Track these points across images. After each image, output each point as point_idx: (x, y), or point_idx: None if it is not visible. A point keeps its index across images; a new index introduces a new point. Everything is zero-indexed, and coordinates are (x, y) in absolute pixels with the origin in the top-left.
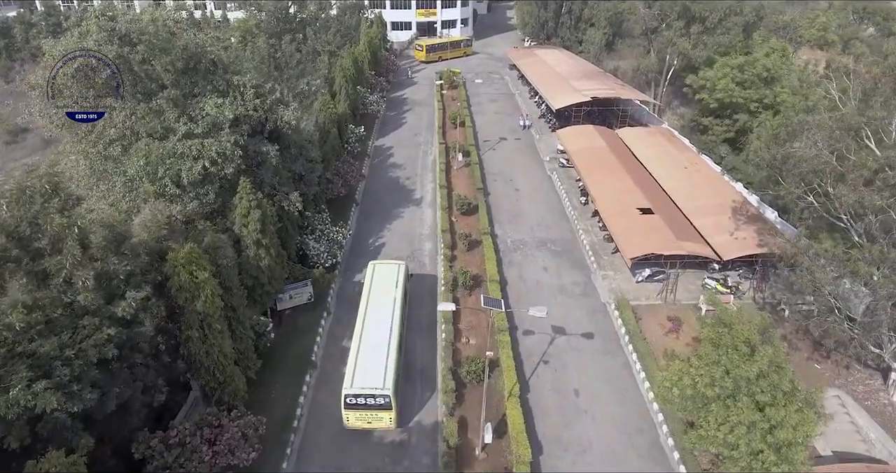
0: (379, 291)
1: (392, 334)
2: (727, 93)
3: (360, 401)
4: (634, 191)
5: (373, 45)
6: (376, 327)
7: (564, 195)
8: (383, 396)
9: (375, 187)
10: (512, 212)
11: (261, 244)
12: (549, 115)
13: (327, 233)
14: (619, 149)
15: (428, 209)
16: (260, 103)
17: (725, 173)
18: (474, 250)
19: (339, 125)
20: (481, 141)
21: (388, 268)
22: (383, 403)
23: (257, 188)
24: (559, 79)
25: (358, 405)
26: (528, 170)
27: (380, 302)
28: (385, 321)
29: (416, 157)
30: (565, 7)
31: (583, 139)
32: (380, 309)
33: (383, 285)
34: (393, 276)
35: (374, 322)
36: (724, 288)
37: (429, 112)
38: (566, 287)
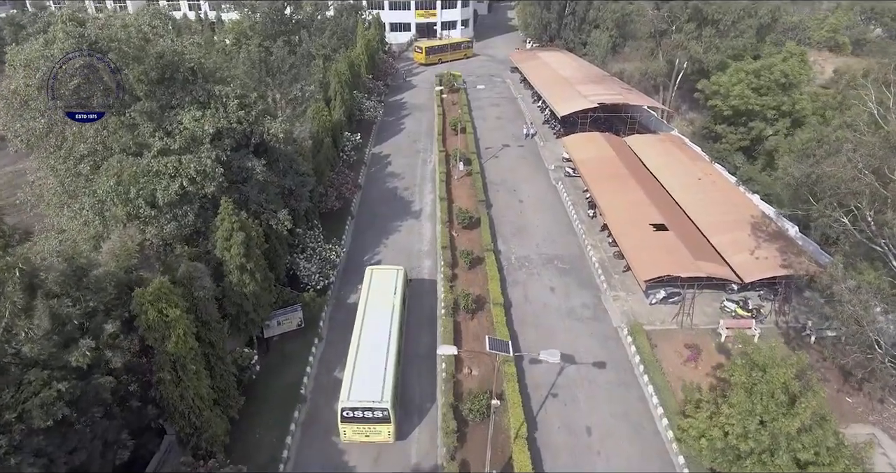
0: (377, 298)
1: (390, 343)
2: (742, 100)
3: (358, 415)
4: (646, 205)
5: (370, 47)
6: (374, 336)
7: (571, 207)
8: (382, 409)
9: (372, 198)
10: (516, 225)
11: (245, 269)
12: (553, 121)
13: (319, 251)
14: (628, 158)
15: (427, 222)
16: (244, 115)
17: (741, 184)
18: (476, 268)
19: (333, 133)
20: (483, 148)
21: (386, 274)
22: (382, 416)
23: (242, 207)
24: (564, 83)
25: (355, 418)
26: (533, 180)
27: (378, 310)
28: (383, 330)
29: (415, 166)
30: (569, 8)
31: (590, 147)
32: (378, 318)
33: (381, 292)
34: (391, 282)
35: (372, 331)
36: (744, 312)
37: (428, 117)
38: (575, 309)
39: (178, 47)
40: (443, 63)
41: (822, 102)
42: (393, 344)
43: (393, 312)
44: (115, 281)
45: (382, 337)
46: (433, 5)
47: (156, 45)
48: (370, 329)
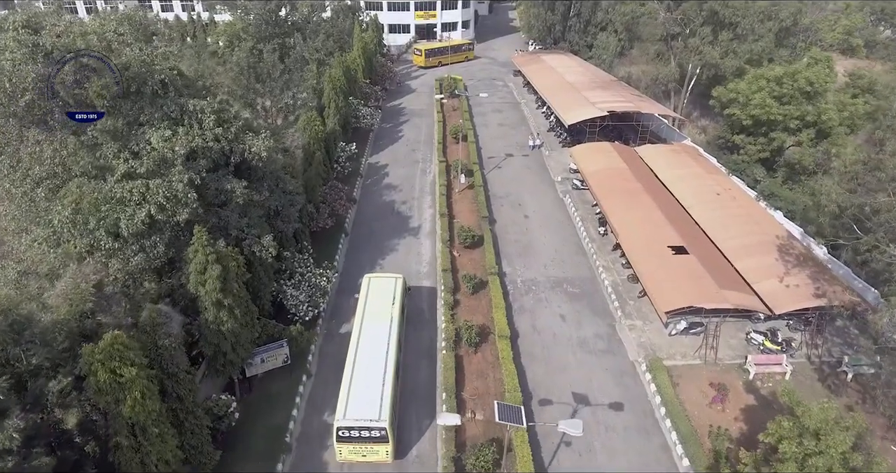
0: (374, 309)
1: (388, 357)
2: (764, 109)
3: (354, 434)
4: (662, 224)
5: (367, 50)
6: (372, 349)
7: (580, 223)
8: (379, 429)
9: (368, 214)
10: (522, 244)
11: (222, 305)
12: (559, 129)
13: (309, 277)
14: (641, 171)
15: (426, 240)
16: (222, 132)
17: (761, 199)
18: (480, 293)
19: (327, 144)
20: (485, 157)
21: (384, 282)
22: (379, 436)
23: (221, 233)
24: (570, 89)
25: (352, 438)
26: (538, 193)
27: (375, 322)
28: (381, 343)
29: (414, 177)
30: (573, 9)
31: (599, 158)
32: (376, 330)
33: (379, 301)
34: (390, 291)
35: (370, 343)
36: (773, 345)
37: (428, 124)
38: (587, 340)
39: (146, 57)
40: (443, 66)
41: (849, 112)
42: (391, 358)
43: (391, 323)
44: (66, 330)
45: (380, 351)
46: (433, 6)
47: (120, 56)
48: (367, 342)
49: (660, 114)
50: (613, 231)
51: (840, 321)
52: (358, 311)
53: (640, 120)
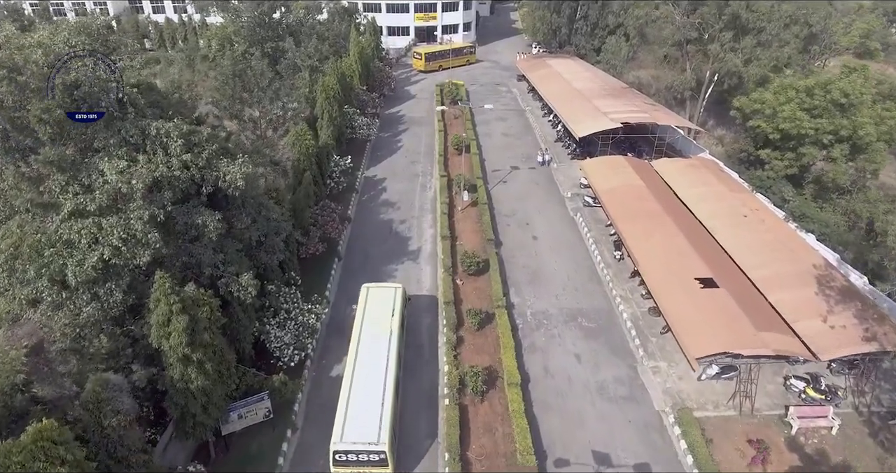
0: (373, 322)
1: (388, 374)
2: (794, 123)
3: (352, 458)
4: (686, 251)
5: (364, 55)
6: (370, 366)
7: (593, 245)
8: (378, 452)
9: (363, 235)
10: (531, 270)
11: (190, 361)
12: (567, 140)
13: (296, 315)
14: (659, 189)
15: (427, 266)
16: (192, 158)
17: (790, 220)
18: (486, 328)
19: (319, 159)
20: (489, 170)
21: (383, 293)
22: (379, 459)
23: (193, 272)
24: (579, 97)
25: (349, 462)
26: (547, 211)
27: (374, 336)
28: (380, 359)
29: (413, 192)
30: (580, 12)
31: (613, 174)
32: (374, 345)
33: (378, 314)
34: (389, 302)
35: (368, 360)
36: (816, 394)
37: (428, 132)
38: (606, 385)
39: (101, 73)
40: (444, 70)
41: (888, 126)
42: (391, 375)
43: (391, 337)
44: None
45: (379, 368)
46: (433, 8)
47: (69, 73)
48: (365, 358)
49: (677, 126)
50: (632, 257)
51: (887, 362)
52: (356, 324)
53: (655, 131)
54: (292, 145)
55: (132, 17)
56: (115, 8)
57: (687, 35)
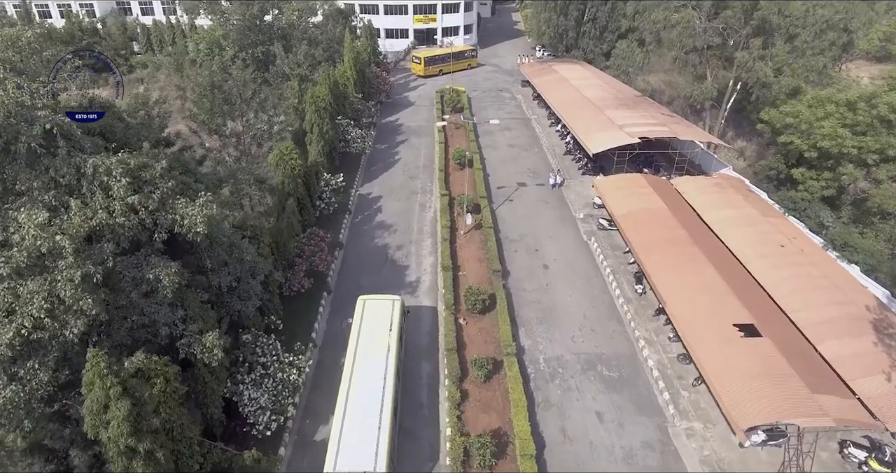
0: (369, 337)
1: (385, 395)
2: (836, 141)
3: None
4: (720, 289)
5: (360, 61)
6: (366, 386)
7: (611, 276)
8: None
9: (356, 264)
10: (542, 306)
11: (135, 453)
12: (577, 153)
13: (275, 371)
14: (682, 212)
15: (426, 299)
16: (141, 200)
17: (829, 249)
18: (493, 380)
19: (307, 179)
20: (494, 187)
21: (380, 306)
22: None
23: (146, 333)
24: (590, 108)
25: None
26: (558, 234)
27: (370, 353)
28: (377, 378)
29: (412, 213)
30: (588, 14)
31: (630, 195)
32: (370, 362)
33: (375, 329)
34: (386, 317)
35: (364, 379)
36: (881, 467)
37: (428, 144)
38: (634, 452)
39: (25, 98)
40: (444, 75)
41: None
42: (388, 396)
43: (388, 354)
44: None
45: (375, 388)
46: (433, 9)
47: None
48: (361, 377)
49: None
50: (656, 294)
51: None
52: (351, 340)
53: (675, 146)
54: (275, 166)
55: (120, 19)
56: (102, 9)
57: (709, 41)
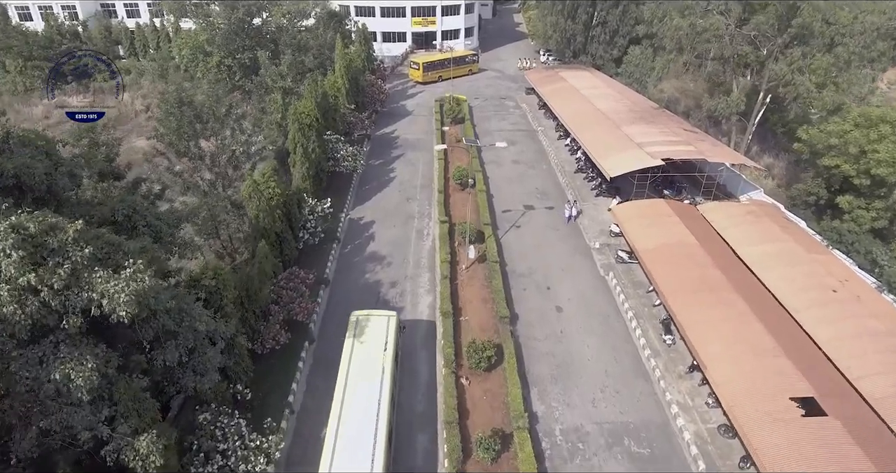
0: (362, 358)
1: (379, 423)
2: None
3: None
4: (767, 347)
5: (353, 68)
6: (358, 413)
7: (633, 320)
8: None
9: (343, 302)
10: (557, 359)
11: None
12: (590, 171)
13: (236, 464)
14: (715, 247)
15: (423, 352)
16: (43, 278)
17: (884, 291)
18: (502, 458)
19: (288, 209)
20: (499, 210)
21: (374, 323)
22: None
23: (60, 440)
24: (605, 122)
25: None
26: (572, 268)
27: (363, 375)
28: (370, 403)
29: (408, 241)
30: (597, 17)
31: (653, 225)
32: (363, 386)
33: (368, 348)
34: (381, 335)
35: (356, 405)
36: None
37: (426, 160)
38: None
39: None
40: (443, 81)
41: None
42: (382, 423)
43: (383, 376)
44: None
45: (369, 415)
46: (432, 12)
47: None
48: (353, 403)
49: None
50: (690, 348)
51: None
52: (343, 361)
53: (701, 167)
54: (248, 198)
55: (104, 22)
56: (86, 11)
57: (738, 50)
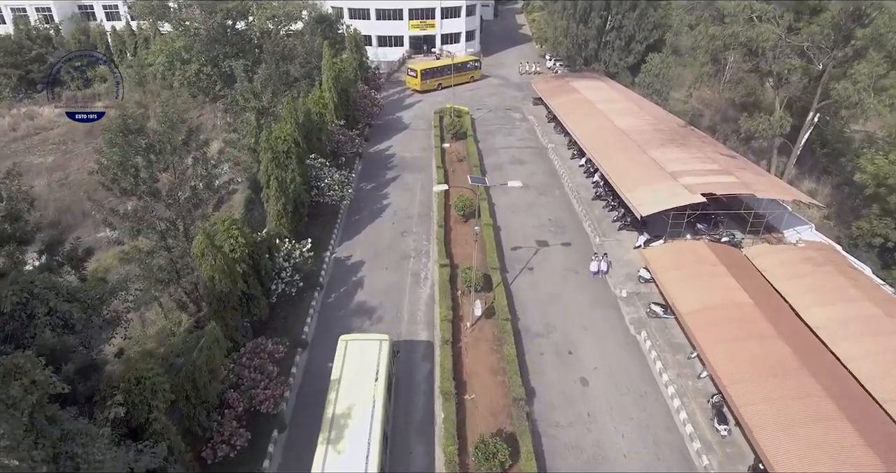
0: (351, 389)
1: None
2: None
3: None
4: (858, 453)
5: (343, 79)
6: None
7: (675, 398)
8: None
9: (324, 371)
10: (584, 454)
11: None
12: (611, 199)
13: None
14: (773, 307)
15: (418, 445)
16: None
17: None
18: None
19: (256, 261)
20: (508, 248)
21: (365, 348)
22: None
23: None
24: (628, 145)
25: None
26: (595, 324)
27: (351, 409)
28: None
29: (402, 290)
30: (613, 21)
31: (695, 278)
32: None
33: (357, 378)
34: (372, 362)
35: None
36: None
37: (424, 181)
38: None
39: None
40: (443, 89)
41: None
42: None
43: (373, 410)
44: None
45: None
46: (431, 14)
47: None
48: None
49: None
50: (759, 454)
51: None
52: (330, 393)
53: (749, 204)
54: (200, 257)
55: (82, 25)
56: (62, 13)
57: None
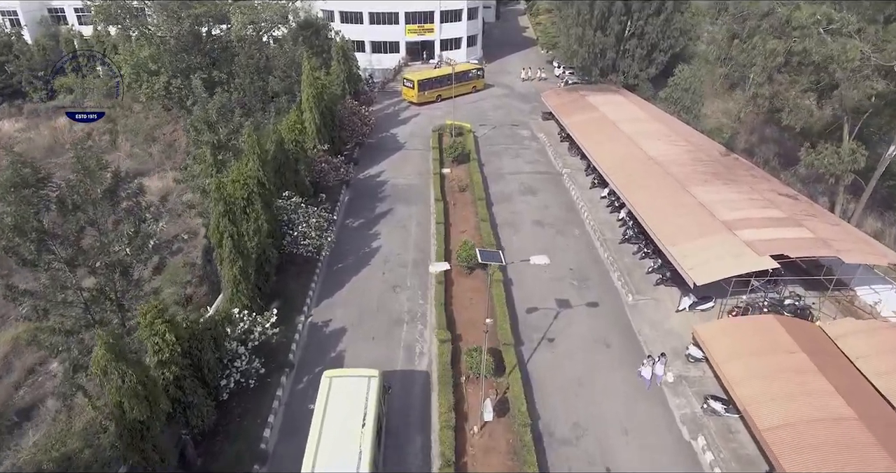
0: (335, 434)
1: None
2: None
3: None
4: None
5: (327, 96)
6: None
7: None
8: None
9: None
10: None
11: None
12: (643, 243)
13: None
14: (877, 412)
15: None
16: None
17: None
18: None
19: (198, 359)
20: (522, 310)
21: (351, 387)
22: None
23: None
24: (663, 178)
25: None
26: (637, 424)
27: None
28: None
29: (393, 366)
30: (633, 27)
31: (770, 370)
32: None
33: (342, 420)
34: (360, 402)
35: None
36: None
37: (420, 216)
38: None
39: None
40: (443, 101)
41: None
42: None
43: (360, 460)
44: None
45: None
46: (430, 18)
47: None
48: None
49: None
50: None
51: None
52: (311, 436)
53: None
54: (102, 375)
55: (52, 29)
56: (28, 17)
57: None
